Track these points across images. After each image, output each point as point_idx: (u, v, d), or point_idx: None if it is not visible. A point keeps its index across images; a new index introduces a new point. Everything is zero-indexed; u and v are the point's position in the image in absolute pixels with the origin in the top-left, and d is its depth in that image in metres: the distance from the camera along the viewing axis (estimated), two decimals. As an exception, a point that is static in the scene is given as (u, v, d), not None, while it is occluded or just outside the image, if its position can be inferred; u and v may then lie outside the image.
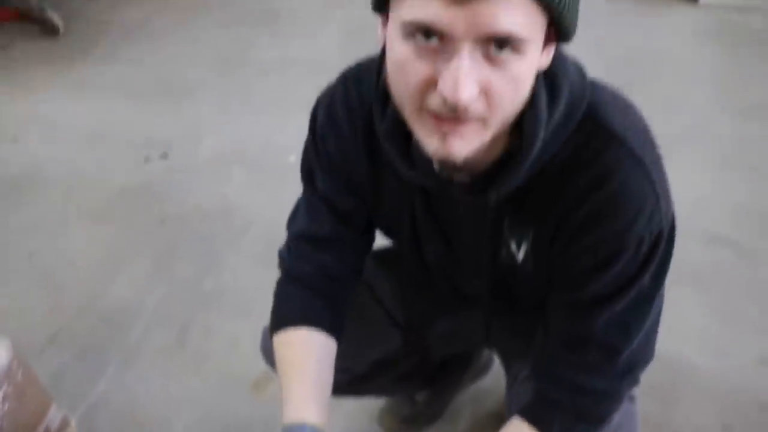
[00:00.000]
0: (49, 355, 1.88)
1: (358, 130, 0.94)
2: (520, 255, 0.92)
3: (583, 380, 0.92)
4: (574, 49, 0.81)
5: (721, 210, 2.18)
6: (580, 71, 0.83)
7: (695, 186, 2.22)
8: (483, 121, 0.71)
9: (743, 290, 1.91)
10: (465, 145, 0.72)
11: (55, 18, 3.47)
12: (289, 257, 1.06)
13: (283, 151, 2.46)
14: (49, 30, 3.48)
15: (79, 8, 3.66)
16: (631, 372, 0.93)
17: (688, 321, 1.78)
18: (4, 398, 1.32)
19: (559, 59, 0.79)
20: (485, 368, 1.68)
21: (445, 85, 0.67)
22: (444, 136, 0.72)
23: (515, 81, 0.69)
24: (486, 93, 0.69)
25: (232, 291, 1.99)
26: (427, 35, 0.67)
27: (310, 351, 1.00)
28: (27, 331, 1.92)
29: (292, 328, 1.02)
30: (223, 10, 3.58)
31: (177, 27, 3.46)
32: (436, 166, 0.86)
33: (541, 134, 0.77)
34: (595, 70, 0.85)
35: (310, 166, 1.01)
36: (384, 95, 0.83)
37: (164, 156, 2.58)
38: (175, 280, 2.07)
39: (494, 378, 1.70)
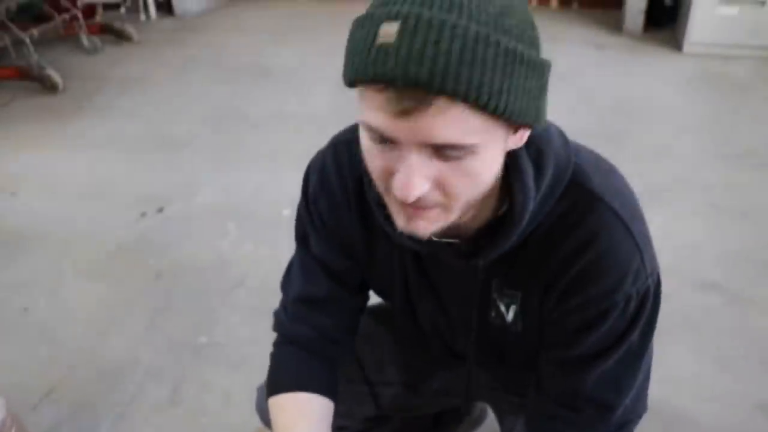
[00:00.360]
0: (44, 410, 1.87)
1: (350, 195, 0.96)
2: (510, 316, 0.94)
3: None
4: (565, 97, 0.84)
5: (712, 256, 2.20)
6: (562, 138, 0.86)
7: (686, 233, 2.25)
8: (443, 206, 0.74)
9: (735, 336, 1.92)
10: (429, 225, 0.75)
11: (54, 75, 3.55)
12: (286, 319, 1.08)
13: (277, 205, 2.48)
14: (48, 87, 3.56)
15: (77, 66, 3.74)
16: (624, 427, 0.95)
17: (680, 367, 1.78)
18: (-4, 456, 1.32)
19: (541, 130, 0.82)
20: (479, 420, 1.68)
21: (397, 183, 0.70)
22: (409, 217, 0.75)
23: (470, 175, 0.71)
24: (440, 185, 0.71)
25: (225, 345, 2.00)
26: (381, 138, 0.70)
27: (306, 416, 1.01)
28: (21, 386, 1.92)
29: (289, 393, 1.03)
30: (216, 66, 3.66)
31: (172, 82, 3.53)
32: None
33: (530, 207, 0.79)
34: (585, 119, 0.88)
35: (304, 229, 1.03)
36: None
37: (160, 210, 2.61)
38: (169, 335, 2.07)
39: (489, 429, 1.69)
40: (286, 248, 1.10)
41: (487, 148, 0.70)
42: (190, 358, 1.98)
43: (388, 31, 0.64)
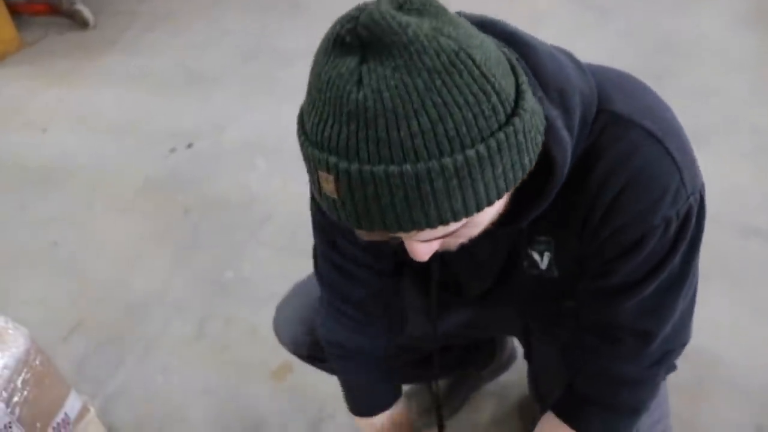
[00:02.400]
0: (71, 344, 1.90)
1: None
2: (544, 263, 0.91)
3: (617, 370, 0.90)
4: (608, 33, 0.77)
5: (756, 201, 2.11)
6: (577, 66, 0.78)
7: (730, 176, 2.16)
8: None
9: (777, 285, 1.85)
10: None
11: (85, 11, 3.52)
12: (322, 320, 1.11)
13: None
14: (79, 23, 3.54)
15: (108, 1, 3.70)
16: (666, 357, 0.91)
17: (717, 315, 1.72)
18: (23, 384, 1.34)
19: (557, 66, 0.73)
20: (507, 364, 1.66)
21: (407, 250, 0.70)
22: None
23: (475, 226, 0.70)
24: (446, 240, 0.71)
25: (251, 281, 1.99)
26: None
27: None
28: (49, 320, 1.95)
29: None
30: (247, 0, 3.59)
31: (201, 17, 3.48)
32: None
33: (569, 160, 0.73)
34: (630, 57, 0.82)
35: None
36: None
37: (189, 146, 2.60)
38: (196, 271, 2.08)
39: (517, 372, 1.67)
40: None
41: (489, 215, 0.70)
42: (217, 293, 1.99)
43: (327, 185, 0.61)
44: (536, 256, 0.90)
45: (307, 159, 0.63)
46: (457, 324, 1.24)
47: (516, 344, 1.64)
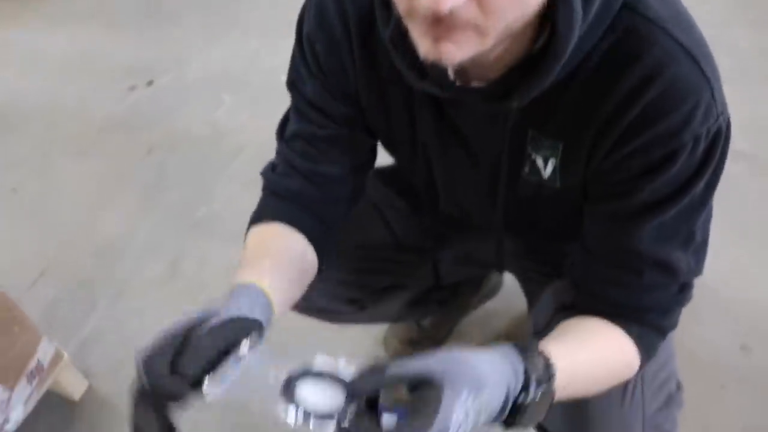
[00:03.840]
0: (39, 290, 1.86)
1: (352, 35, 0.87)
2: (547, 171, 0.86)
3: (636, 301, 0.85)
4: None
5: (739, 124, 2.11)
6: None
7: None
8: (478, 28, 0.64)
9: (760, 206, 1.86)
10: (458, 51, 0.66)
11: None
12: (273, 175, 0.99)
13: (274, 72, 2.36)
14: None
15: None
16: (685, 290, 0.87)
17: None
18: (-10, 332, 1.31)
19: None
20: (494, 290, 1.65)
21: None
22: (436, 40, 0.66)
23: None
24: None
25: (224, 218, 1.97)
26: None
27: (282, 241, 0.92)
28: (15, 266, 1.90)
29: (268, 222, 0.94)
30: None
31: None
32: (450, 72, 0.79)
33: (575, 36, 0.69)
34: None
35: (299, 74, 0.94)
36: None
37: (150, 83, 2.53)
38: (165, 210, 2.04)
39: (502, 300, 1.67)
40: None
41: None
42: (188, 231, 1.96)
43: None
44: (540, 162, 0.85)
45: None
46: (451, 258, 1.22)
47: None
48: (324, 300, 1.17)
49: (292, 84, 0.95)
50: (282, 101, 0.99)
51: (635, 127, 0.75)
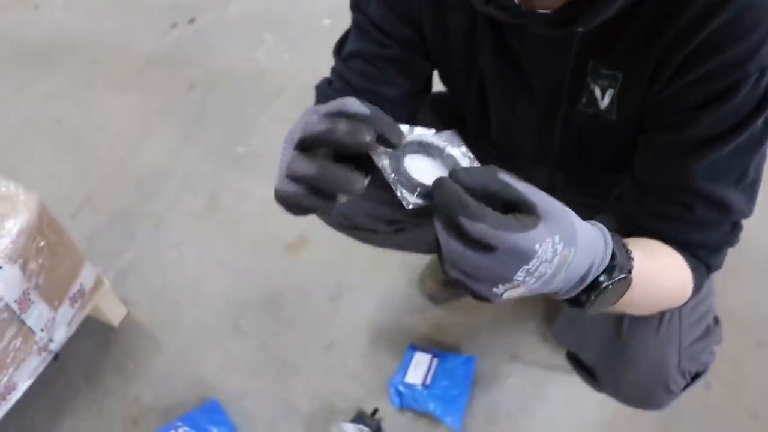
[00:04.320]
0: (80, 220, 1.90)
1: None
2: (605, 102, 0.85)
3: (685, 237, 0.84)
4: None
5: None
6: None
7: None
8: None
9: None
10: None
11: None
12: (329, 89, 0.98)
13: (316, 14, 2.38)
14: None
15: None
16: (735, 229, 0.86)
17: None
18: (37, 252, 1.34)
19: None
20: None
21: None
22: None
23: None
24: None
25: (264, 155, 1.98)
26: None
27: None
28: (57, 196, 1.93)
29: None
30: None
31: None
32: None
33: None
34: None
35: None
36: None
37: (191, 21, 2.52)
38: (205, 145, 2.05)
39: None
40: (326, 60, 1.02)
41: None
42: (228, 167, 1.98)
43: None
44: (597, 92, 0.84)
45: None
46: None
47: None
48: (363, 218, 1.19)
49: (356, 5, 0.95)
50: (324, 44, 0.98)
51: (699, 55, 0.73)
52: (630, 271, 0.67)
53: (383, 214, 1.18)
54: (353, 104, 0.59)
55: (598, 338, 0.92)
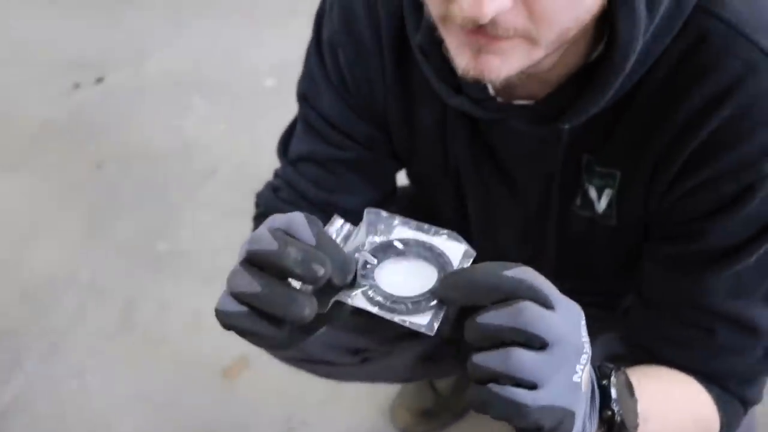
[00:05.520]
0: (-48, 341, 1.85)
1: (383, 44, 0.91)
2: (602, 204, 0.88)
3: (710, 364, 0.87)
4: None
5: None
6: None
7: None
8: (527, 36, 0.67)
9: None
10: (504, 64, 0.69)
11: None
12: (276, 200, 1.02)
13: (257, 74, 2.44)
14: None
15: None
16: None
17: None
18: None
19: None
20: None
21: None
22: (477, 52, 0.69)
23: None
24: (525, 1, 0.65)
25: (191, 253, 1.98)
26: None
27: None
28: None
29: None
30: None
31: None
32: (490, 88, 0.82)
33: (639, 42, 0.72)
34: None
35: (315, 85, 0.98)
36: None
37: (99, 80, 2.56)
38: (116, 242, 2.05)
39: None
40: (271, 128, 1.07)
41: None
42: (146, 269, 1.97)
43: None
44: (593, 193, 0.88)
45: None
46: None
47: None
48: (321, 349, 1.19)
49: (305, 97, 1.00)
50: (265, 111, 1.00)
51: (703, 156, 0.77)
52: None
53: (345, 342, 1.18)
54: (300, 228, 0.61)
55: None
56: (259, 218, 1.05)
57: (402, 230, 0.65)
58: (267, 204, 1.03)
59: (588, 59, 0.78)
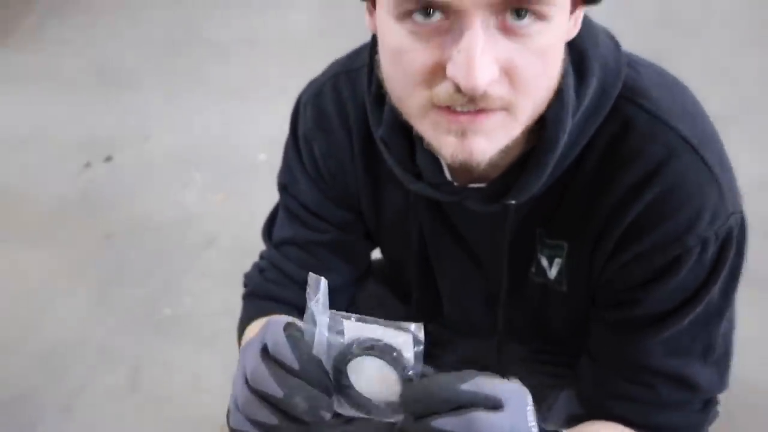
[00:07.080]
0: (-31, 406, 1.85)
1: (352, 135, 0.94)
2: (553, 271, 0.91)
3: (653, 417, 0.89)
4: (598, 7, 0.79)
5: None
6: (613, 42, 0.83)
7: (752, 169, 2.20)
8: (508, 110, 0.70)
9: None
10: (489, 143, 0.71)
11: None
12: (262, 280, 1.05)
13: (250, 149, 2.46)
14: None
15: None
16: (708, 407, 0.90)
17: (745, 331, 1.75)
18: None
19: (586, 28, 0.78)
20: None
21: (456, 70, 0.65)
22: (463, 135, 0.70)
23: (542, 55, 0.68)
24: (508, 73, 0.68)
25: (193, 318, 1.98)
26: (427, 12, 0.66)
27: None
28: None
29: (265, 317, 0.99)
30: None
31: (115, 3, 3.46)
32: (447, 173, 0.85)
33: (568, 125, 0.76)
34: (625, 34, 0.84)
35: (293, 176, 1.01)
36: (378, 95, 0.84)
37: (108, 159, 2.58)
38: (124, 309, 2.05)
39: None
40: (264, 200, 1.09)
41: (560, 16, 0.68)
42: (151, 334, 1.97)
43: None
44: (545, 262, 0.91)
45: None
46: (452, 365, 1.24)
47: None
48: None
49: (285, 187, 1.02)
50: (260, 183, 1.03)
51: (635, 231, 0.80)
52: None
53: None
54: (283, 352, 0.66)
55: None
56: (247, 297, 1.07)
57: (353, 327, 0.68)
58: (254, 284, 1.06)
59: (530, 145, 0.80)
